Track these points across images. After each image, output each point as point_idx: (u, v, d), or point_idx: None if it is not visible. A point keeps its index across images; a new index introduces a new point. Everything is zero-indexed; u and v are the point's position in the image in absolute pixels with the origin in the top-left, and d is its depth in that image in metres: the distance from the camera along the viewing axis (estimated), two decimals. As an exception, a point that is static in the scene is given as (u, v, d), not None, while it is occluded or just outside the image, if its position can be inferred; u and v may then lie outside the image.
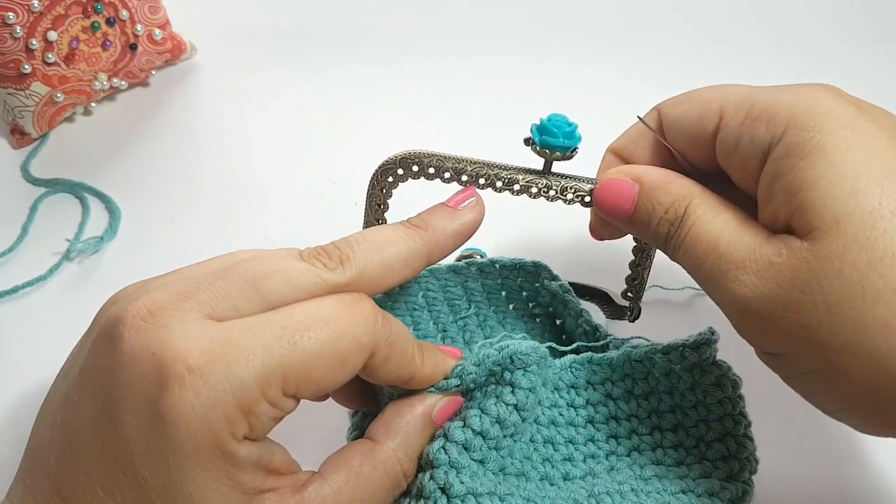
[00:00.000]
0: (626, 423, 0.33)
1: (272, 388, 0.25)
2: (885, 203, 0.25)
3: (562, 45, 0.57)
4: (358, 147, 0.51)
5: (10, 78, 0.49)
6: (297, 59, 0.57)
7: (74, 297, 0.45)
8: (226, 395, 0.25)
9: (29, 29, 0.48)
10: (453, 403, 0.31)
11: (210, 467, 0.25)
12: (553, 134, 0.32)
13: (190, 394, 0.24)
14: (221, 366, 0.25)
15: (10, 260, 0.47)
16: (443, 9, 0.60)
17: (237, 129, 0.53)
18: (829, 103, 0.27)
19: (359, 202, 0.49)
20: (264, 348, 0.25)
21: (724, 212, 0.30)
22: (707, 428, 0.32)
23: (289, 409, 0.27)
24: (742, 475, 0.31)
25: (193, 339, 0.25)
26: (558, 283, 0.37)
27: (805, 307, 0.26)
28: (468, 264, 0.37)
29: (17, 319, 0.44)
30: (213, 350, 0.25)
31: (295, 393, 0.26)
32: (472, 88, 0.55)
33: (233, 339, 0.25)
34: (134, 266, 0.47)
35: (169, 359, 0.25)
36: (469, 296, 0.37)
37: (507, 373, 0.30)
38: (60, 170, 0.51)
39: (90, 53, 0.51)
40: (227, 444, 0.25)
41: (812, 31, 0.58)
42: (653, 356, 0.33)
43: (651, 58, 0.57)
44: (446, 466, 0.28)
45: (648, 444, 0.33)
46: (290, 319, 0.26)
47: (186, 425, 0.24)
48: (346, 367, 0.27)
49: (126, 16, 0.51)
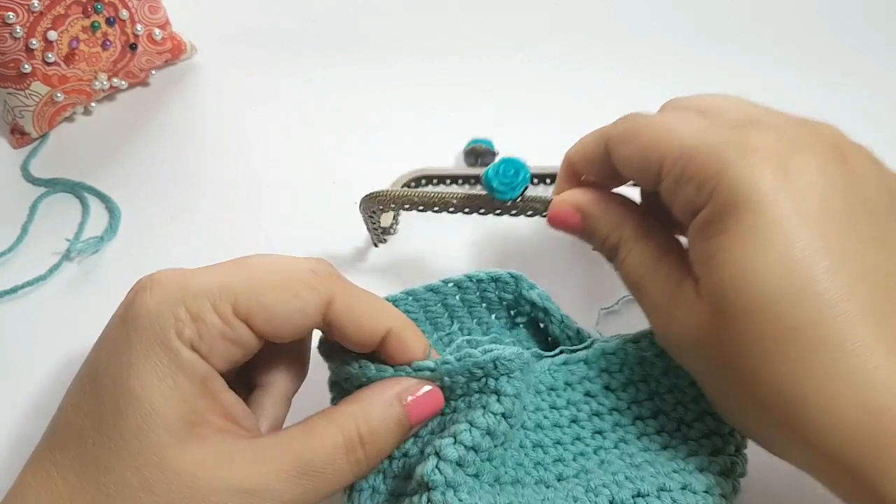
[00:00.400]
0: (608, 417, 0.33)
1: (222, 304, 0.28)
2: (773, 293, 0.26)
3: (561, 45, 0.57)
4: (358, 147, 0.51)
5: (10, 78, 0.49)
6: (298, 59, 0.57)
7: (74, 297, 0.45)
8: (176, 297, 0.28)
9: (29, 29, 0.48)
10: (430, 396, 0.31)
11: (155, 362, 0.28)
12: (500, 192, 0.37)
13: (147, 296, 0.29)
14: (179, 278, 0.29)
15: (10, 260, 0.47)
16: (443, 9, 0.60)
17: (237, 129, 0.53)
18: (756, 175, 0.27)
19: (358, 202, 0.49)
20: (219, 272, 0.30)
21: (648, 245, 0.31)
22: (685, 409, 0.33)
23: (243, 337, 0.29)
24: (727, 449, 0.32)
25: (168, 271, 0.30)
26: (537, 291, 0.37)
27: (700, 359, 0.29)
28: (444, 282, 0.37)
29: (17, 319, 0.44)
30: (178, 272, 0.30)
31: (247, 316, 0.29)
32: (473, 88, 0.54)
33: (197, 269, 0.30)
34: (134, 266, 0.46)
35: (144, 278, 0.30)
36: (451, 312, 0.38)
37: (491, 380, 0.30)
38: (60, 170, 0.51)
39: (90, 53, 0.51)
40: (171, 340, 0.28)
41: (812, 32, 0.58)
42: (624, 347, 0.33)
43: (650, 58, 0.57)
44: (443, 487, 0.28)
45: (633, 434, 0.33)
46: (249, 259, 0.31)
47: (140, 321, 0.28)
48: (298, 303, 0.29)
49: (126, 15, 0.51)
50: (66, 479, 0.27)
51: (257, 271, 0.30)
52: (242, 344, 0.29)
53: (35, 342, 0.44)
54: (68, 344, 0.43)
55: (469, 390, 0.31)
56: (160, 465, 0.27)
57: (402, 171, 0.48)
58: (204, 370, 0.29)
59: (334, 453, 0.29)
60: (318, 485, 0.28)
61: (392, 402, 0.30)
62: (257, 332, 0.29)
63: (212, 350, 0.29)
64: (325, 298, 0.30)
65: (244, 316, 0.29)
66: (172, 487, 0.27)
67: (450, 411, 0.32)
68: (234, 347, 0.29)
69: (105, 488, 0.27)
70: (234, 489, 0.27)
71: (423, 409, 0.31)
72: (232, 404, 0.30)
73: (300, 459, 0.28)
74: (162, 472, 0.27)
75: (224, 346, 0.29)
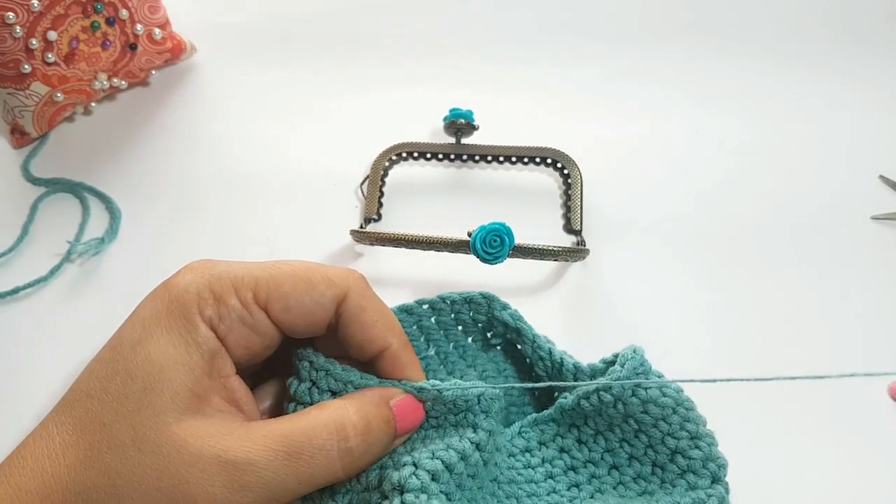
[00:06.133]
0: (584, 469, 0.34)
1: (244, 289, 0.31)
2: None
3: (561, 45, 0.57)
4: (359, 147, 0.51)
5: (9, 78, 0.49)
6: (298, 58, 0.57)
7: (75, 298, 0.45)
8: (204, 279, 0.31)
9: (29, 29, 0.48)
10: (415, 406, 0.32)
11: (172, 330, 0.30)
12: (486, 260, 0.40)
13: (180, 277, 0.31)
14: (211, 264, 0.32)
15: (11, 260, 0.47)
16: (444, 8, 0.60)
17: (237, 129, 0.53)
18: None
19: (358, 205, 0.49)
20: (248, 264, 0.32)
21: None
22: (655, 453, 0.33)
23: (261, 324, 0.31)
24: (701, 483, 0.32)
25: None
26: (509, 311, 0.37)
27: None
28: (419, 303, 0.38)
29: (18, 320, 0.44)
30: (212, 260, 0.32)
31: (266, 304, 0.31)
32: (474, 88, 0.54)
33: (231, 261, 0.32)
34: (134, 267, 0.47)
35: (184, 266, 0.32)
36: (426, 335, 0.38)
37: (470, 414, 0.31)
38: (60, 170, 0.51)
39: (90, 53, 0.51)
40: (192, 314, 0.30)
41: (812, 32, 0.58)
42: (579, 403, 0.34)
43: (649, 58, 0.57)
44: (417, 491, 0.29)
45: (609, 484, 0.34)
46: (281, 260, 0.33)
47: (169, 295, 0.31)
48: (314, 293, 0.31)
49: (126, 15, 0.51)
50: (63, 436, 0.29)
51: (281, 265, 0.32)
52: (260, 331, 0.31)
53: (36, 343, 0.44)
54: (69, 345, 0.43)
55: (444, 422, 0.32)
56: (155, 426, 0.28)
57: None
58: (216, 348, 0.30)
59: (325, 439, 0.29)
60: (305, 469, 0.29)
61: (383, 403, 0.31)
62: (275, 321, 0.31)
63: (230, 332, 0.30)
64: (341, 292, 0.31)
65: (263, 303, 0.31)
66: (162, 450, 0.28)
67: (418, 438, 0.32)
68: (253, 334, 0.31)
69: (98, 444, 0.28)
70: (220, 459, 0.28)
71: (409, 418, 0.31)
72: (236, 389, 0.31)
73: (289, 439, 0.29)
74: (155, 433, 0.28)
75: (242, 331, 0.31)
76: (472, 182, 0.50)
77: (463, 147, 0.49)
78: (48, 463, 0.28)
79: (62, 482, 0.28)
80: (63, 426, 0.29)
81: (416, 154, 0.50)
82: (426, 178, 0.50)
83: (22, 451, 0.29)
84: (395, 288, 0.45)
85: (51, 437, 0.29)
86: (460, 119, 0.49)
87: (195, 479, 0.27)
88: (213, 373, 0.30)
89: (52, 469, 0.28)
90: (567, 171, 0.48)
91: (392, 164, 0.50)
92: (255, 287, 0.31)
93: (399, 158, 0.50)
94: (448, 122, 0.49)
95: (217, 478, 0.28)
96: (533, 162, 0.49)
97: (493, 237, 0.39)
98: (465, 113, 0.49)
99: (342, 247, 0.47)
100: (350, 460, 0.30)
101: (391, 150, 0.50)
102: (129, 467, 0.28)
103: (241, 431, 0.29)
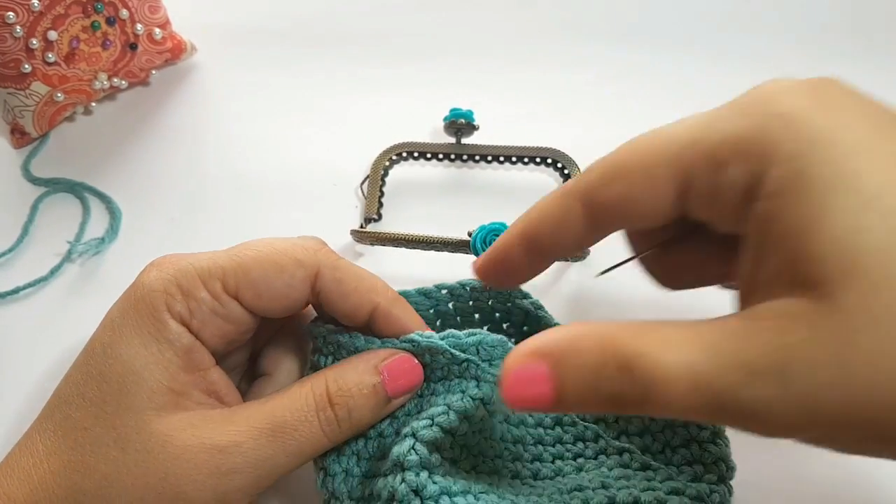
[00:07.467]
0: (593, 426, 0.34)
1: (212, 281, 0.30)
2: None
3: (562, 45, 0.57)
4: (359, 147, 0.51)
5: (10, 77, 0.49)
6: (298, 58, 0.57)
7: (76, 298, 0.45)
8: (169, 274, 0.30)
9: (29, 28, 0.48)
10: (406, 364, 0.31)
11: (142, 331, 0.30)
12: None
13: (146, 275, 0.31)
14: (176, 259, 0.31)
15: (11, 260, 0.47)
16: (444, 8, 0.60)
17: (237, 129, 0.53)
18: (807, 115, 0.23)
19: (358, 205, 0.49)
20: (213, 254, 0.32)
21: (666, 331, 0.24)
22: (673, 433, 0.33)
23: (234, 313, 0.31)
24: (707, 478, 0.32)
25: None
26: (530, 300, 0.37)
27: (843, 381, 0.20)
28: (438, 287, 0.37)
29: (18, 320, 0.44)
30: (178, 255, 0.32)
31: (236, 292, 0.31)
32: (474, 88, 0.54)
33: (196, 253, 0.32)
34: (135, 267, 0.46)
35: (148, 263, 0.32)
36: (442, 320, 0.38)
37: (472, 365, 0.31)
38: (61, 169, 0.51)
39: (90, 53, 0.51)
40: (161, 313, 0.30)
41: (811, 32, 0.58)
42: None
43: (649, 58, 0.57)
44: (417, 468, 0.28)
45: (616, 449, 0.33)
46: (244, 244, 0.32)
47: (136, 296, 0.30)
48: (284, 276, 0.31)
49: (126, 15, 0.51)
50: (46, 443, 0.29)
51: (247, 251, 0.32)
52: (234, 320, 0.31)
53: (36, 343, 0.44)
54: (70, 345, 0.43)
55: (449, 373, 0.31)
56: (136, 426, 0.28)
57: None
58: (189, 343, 0.30)
59: (306, 411, 0.30)
60: (291, 443, 0.29)
61: (368, 369, 0.31)
62: (248, 308, 0.31)
63: (203, 325, 0.30)
64: (311, 271, 0.31)
65: (234, 292, 0.31)
66: (145, 447, 0.28)
67: (428, 393, 0.32)
68: (227, 324, 0.31)
69: (81, 448, 0.29)
70: (206, 446, 0.28)
71: (400, 379, 0.31)
72: (216, 381, 0.31)
73: (272, 416, 0.29)
74: (137, 433, 0.28)
75: (216, 322, 0.31)
76: (473, 182, 0.50)
77: (463, 147, 0.49)
78: (34, 471, 0.29)
79: (49, 488, 0.28)
80: (45, 433, 0.30)
81: (416, 154, 0.50)
82: (426, 178, 0.50)
83: (9, 460, 0.30)
84: (395, 288, 0.45)
85: (34, 446, 0.29)
86: (460, 119, 0.49)
87: (182, 470, 0.28)
88: (191, 367, 0.30)
89: (38, 476, 0.29)
90: (567, 171, 0.48)
91: (392, 164, 0.50)
92: (223, 277, 0.31)
93: (399, 158, 0.50)
94: (448, 122, 0.49)
95: (204, 466, 0.28)
96: (533, 162, 0.49)
97: (493, 237, 0.39)
98: (466, 113, 0.49)
99: (342, 246, 0.47)
100: (332, 429, 0.30)
101: (391, 150, 0.50)
102: (113, 468, 0.28)
103: (223, 417, 0.29)
